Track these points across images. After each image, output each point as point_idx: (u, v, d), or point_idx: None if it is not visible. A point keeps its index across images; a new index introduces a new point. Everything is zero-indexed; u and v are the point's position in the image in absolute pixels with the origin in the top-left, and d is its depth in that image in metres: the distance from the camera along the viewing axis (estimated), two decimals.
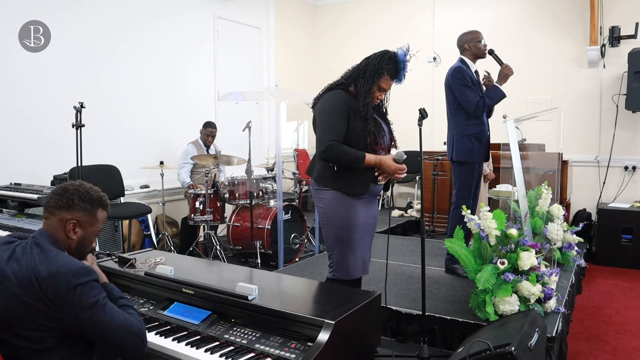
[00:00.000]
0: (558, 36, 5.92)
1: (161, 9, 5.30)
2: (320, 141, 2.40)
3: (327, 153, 2.37)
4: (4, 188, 3.62)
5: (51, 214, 1.66)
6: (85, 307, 1.54)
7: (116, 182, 4.61)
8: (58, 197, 1.67)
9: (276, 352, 1.70)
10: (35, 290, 1.50)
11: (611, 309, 3.74)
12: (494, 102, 3.53)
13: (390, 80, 2.48)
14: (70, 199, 1.66)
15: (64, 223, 1.66)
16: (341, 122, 2.38)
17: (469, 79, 3.49)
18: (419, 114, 2.62)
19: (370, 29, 7.06)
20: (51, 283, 1.51)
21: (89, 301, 1.54)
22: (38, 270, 1.52)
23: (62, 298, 1.51)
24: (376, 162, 2.41)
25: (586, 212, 5.63)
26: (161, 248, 4.94)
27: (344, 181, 2.43)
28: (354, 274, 2.53)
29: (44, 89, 4.31)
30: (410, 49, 2.47)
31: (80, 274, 1.55)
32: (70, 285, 1.52)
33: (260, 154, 6.61)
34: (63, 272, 1.53)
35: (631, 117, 5.52)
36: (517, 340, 2.02)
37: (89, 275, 1.57)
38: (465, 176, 3.57)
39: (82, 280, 1.54)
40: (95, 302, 1.55)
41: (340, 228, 2.47)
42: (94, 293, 1.56)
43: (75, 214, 1.66)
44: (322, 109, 2.46)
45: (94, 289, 1.58)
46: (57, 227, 1.66)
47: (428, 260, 3.21)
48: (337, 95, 2.45)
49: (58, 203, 1.66)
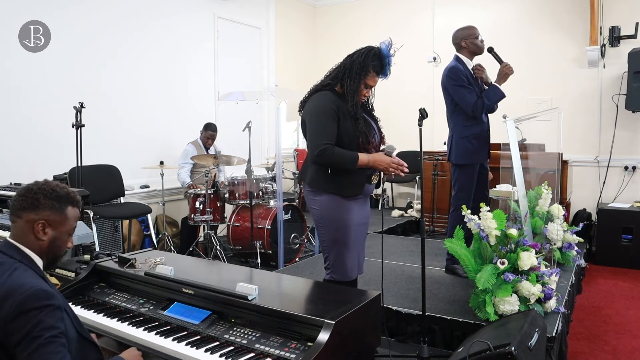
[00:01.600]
0: (558, 36, 5.92)
1: (161, 9, 5.30)
2: (312, 145, 2.38)
3: (321, 157, 2.36)
4: (4, 188, 3.62)
5: (17, 216, 1.56)
6: (27, 335, 1.38)
7: (116, 182, 4.61)
8: (22, 198, 1.56)
9: (276, 352, 1.70)
10: None
11: (611, 309, 3.74)
12: (493, 102, 3.47)
13: (376, 76, 2.45)
14: (34, 199, 1.56)
15: (31, 224, 1.55)
16: (332, 124, 2.37)
17: (464, 78, 3.43)
18: (419, 114, 2.61)
19: (370, 29, 7.06)
20: (2, 303, 1.40)
21: (31, 332, 1.38)
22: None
23: (9, 322, 1.39)
24: (369, 160, 2.39)
25: (586, 212, 5.63)
26: (161, 248, 4.94)
27: (339, 183, 2.43)
28: (351, 274, 2.53)
29: (44, 89, 4.31)
30: (393, 43, 2.42)
31: (37, 298, 1.41)
32: (21, 309, 1.39)
33: (260, 154, 6.61)
34: (16, 294, 1.41)
35: (631, 117, 5.52)
36: (517, 340, 2.02)
37: (48, 300, 1.43)
38: (465, 178, 3.54)
39: (36, 304, 1.40)
40: (37, 336, 1.38)
41: (336, 230, 2.47)
42: (42, 325, 1.39)
43: (42, 214, 1.56)
44: (312, 112, 2.44)
45: (48, 317, 1.41)
46: (25, 229, 1.56)
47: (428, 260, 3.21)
48: (325, 97, 2.43)
49: (23, 204, 1.56)
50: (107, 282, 2.40)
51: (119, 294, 2.29)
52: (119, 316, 2.09)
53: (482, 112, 3.49)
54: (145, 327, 1.99)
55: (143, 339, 1.89)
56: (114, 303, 2.22)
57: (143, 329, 1.98)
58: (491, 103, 3.47)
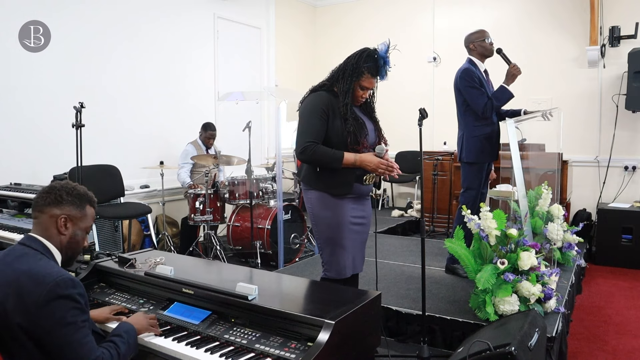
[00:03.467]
0: (558, 36, 5.92)
1: (161, 9, 5.30)
2: (297, 143, 2.42)
3: (304, 154, 2.39)
4: (4, 188, 3.62)
5: (40, 212, 1.68)
6: (59, 322, 1.49)
7: (116, 182, 4.61)
8: (46, 195, 1.68)
9: (276, 352, 1.70)
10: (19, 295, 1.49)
11: (611, 309, 3.74)
12: (502, 102, 3.51)
13: (372, 78, 2.43)
14: (58, 195, 1.68)
15: (55, 219, 1.67)
16: (318, 123, 2.38)
17: (477, 80, 3.48)
18: (419, 114, 2.62)
19: (370, 29, 7.06)
20: (32, 289, 1.49)
21: (65, 317, 1.50)
22: (23, 276, 1.51)
23: (40, 307, 1.48)
24: (355, 160, 2.38)
25: (586, 212, 5.63)
26: (161, 248, 4.95)
27: (326, 182, 2.44)
28: (345, 272, 2.53)
29: (44, 89, 4.31)
30: (391, 45, 2.41)
31: (65, 285, 1.52)
32: (52, 295, 1.49)
33: (260, 154, 6.61)
34: (47, 280, 1.51)
35: (631, 117, 5.52)
36: (517, 340, 2.02)
37: (74, 289, 1.54)
38: (474, 176, 3.58)
39: (65, 292, 1.51)
40: (71, 322, 1.51)
41: (328, 227, 2.48)
42: (73, 312, 1.52)
43: (64, 209, 1.68)
44: (302, 111, 2.49)
45: (79, 304, 1.54)
46: (49, 224, 1.67)
47: (428, 260, 3.22)
48: (317, 97, 2.46)
49: (47, 200, 1.67)
50: (107, 282, 2.40)
51: (119, 294, 2.29)
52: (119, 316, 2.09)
53: (492, 113, 3.52)
54: None
55: (143, 338, 1.88)
56: (114, 303, 2.22)
57: None
58: (500, 104, 3.52)
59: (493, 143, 3.58)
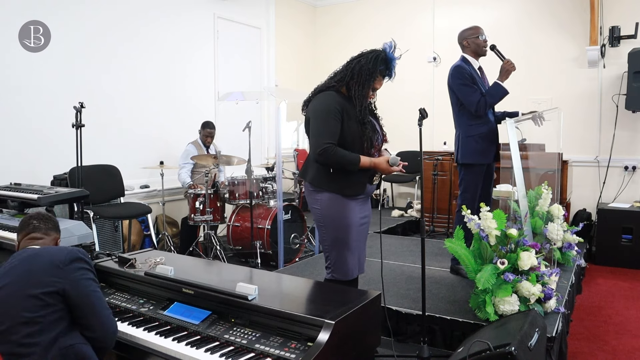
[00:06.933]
0: (558, 36, 5.92)
1: (161, 9, 5.30)
2: (315, 144, 2.39)
3: (323, 156, 2.37)
4: (4, 188, 3.62)
5: (46, 234, 1.99)
6: (83, 276, 1.79)
7: (116, 182, 4.61)
8: (48, 220, 2.02)
9: (276, 352, 1.70)
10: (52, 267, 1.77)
11: (611, 309, 3.74)
12: (496, 99, 3.43)
13: (382, 79, 2.48)
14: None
15: (55, 242, 2.02)
16: (335, 124, 2.38)
17: (469, 77, 3.41)
18: (419, 114, 2.61)
19: (370, 29, 7.06)
20: (56, 254, 1.79)
21: (87, 274, 1.80)
22: (43, 252, 1.82)
23: (66, 264, 1.76)
24: (370, 165, 2.43)
25: (586, 212, 5.63)
26: (161, 248, 4.94)
27: (341, 183, 2.44)
28: (352, 274, 2.53)
29: (44, 89, 4.31)
30: (396, 44, 2.45)
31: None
32: (75, 257, 1.79)
33: (260, 154, 6.61)
34: (67, 248, 1.84)
35: (631, 117, 5.52)
36: (517, 340, 2.02)
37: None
38: (470, 178, 3.51)
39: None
40: (93, 280, 1.82)
41: (337, 229, 2.47)
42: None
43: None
44: (316, 111, 2.45)
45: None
46: (51, 245, 1.98)
47: (428, 260, 3.21)
48: (329, 96, 2.44)
49: (49, 225, 2.01)
50: (107, 282, 2.40)
51: (119, 294, 2.29)
52: (119, 316, 2.09)
53: (486, 110, 3.45)
54: (145, 327, 2.00)
55: (143, 338, 1.89)
56: (114, 303, 2.22)
57: (143, 328, 1.98)
58: (494, 100, 3.43)
59: (490, 143, 3.50)
